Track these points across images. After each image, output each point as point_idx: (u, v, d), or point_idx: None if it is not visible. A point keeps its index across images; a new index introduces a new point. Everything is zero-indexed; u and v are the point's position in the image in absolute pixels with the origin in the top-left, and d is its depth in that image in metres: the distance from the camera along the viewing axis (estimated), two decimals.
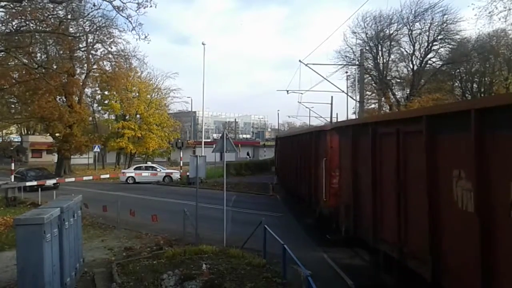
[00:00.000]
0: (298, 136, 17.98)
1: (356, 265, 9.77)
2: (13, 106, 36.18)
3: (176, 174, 31.90)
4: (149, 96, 44.18)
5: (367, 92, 36.92)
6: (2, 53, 21.35)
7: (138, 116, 42.92)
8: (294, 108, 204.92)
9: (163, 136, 42.90)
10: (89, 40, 32.76)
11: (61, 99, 36.13)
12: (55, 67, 28.23)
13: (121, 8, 18.10)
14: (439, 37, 35.45)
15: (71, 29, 26.85)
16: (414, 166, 5.83)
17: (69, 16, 23.99)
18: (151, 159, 43.73)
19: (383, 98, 38.71)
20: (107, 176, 31.35)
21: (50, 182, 24.14)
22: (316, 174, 13.08)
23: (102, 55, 34.33)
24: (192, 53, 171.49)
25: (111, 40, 31.99)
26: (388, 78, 38.60)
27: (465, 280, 4.66)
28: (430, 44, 35.75)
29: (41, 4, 20.60)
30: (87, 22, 26.80)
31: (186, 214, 11.93)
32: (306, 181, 14.91)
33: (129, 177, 31.15)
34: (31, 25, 20.48)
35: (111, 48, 33.29)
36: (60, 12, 22.52)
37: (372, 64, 38.39)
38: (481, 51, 34.65)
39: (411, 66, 37.35)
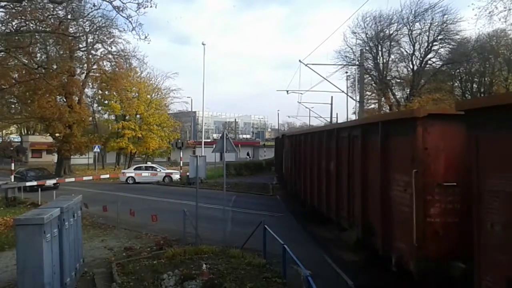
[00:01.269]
0: (332, 132, 11.84)
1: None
2: (13, 106, 36.12)
3: (176, 174, 31.89)
4: (149, 96, 44.22)
5: (367, 92, 36.96)
6: (2, 53, 21.33)
7: (138, 116, 42.93)
8: (294, 108, 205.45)
9: (163, 136, 42.94)
10: (89, 40, 32.75)
11: (61, 99, 36.14)
12: (55, 67, 28.20)
13: (121, 8, 18.05)
14: (439, 37, 35.43)
15: (71, 29, 26.81)
16: None
17: (69, 16, 23.94)
18: (151, 159, 43.77)
19: (383, 98, 38.71)
20: (107, 176, 31.37)
21: (50, 182, 24.11)
22: (386, 196, 7.65)
23: (102, 55, 34.42)
24: (192, 53, 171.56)
25: (111, 40, 32.15)
26: (388, 78, 38.57)
27: None
28: (430, 44, 35.73)
29: (41, 4, 20.56)
30: (87, 22, 26.84)
31: (186, 214, 11.93)
32: (357, 203, 9.23)
33: (129, 177, 31.16)
34: (31, 25, 20.46)
35: (111, 48, 33.47)
36: (60, 12, 22.48)
37: (372, 64, 38.39)
38: (481, 51, 34.63)
39: (411, 66, 37.35)
